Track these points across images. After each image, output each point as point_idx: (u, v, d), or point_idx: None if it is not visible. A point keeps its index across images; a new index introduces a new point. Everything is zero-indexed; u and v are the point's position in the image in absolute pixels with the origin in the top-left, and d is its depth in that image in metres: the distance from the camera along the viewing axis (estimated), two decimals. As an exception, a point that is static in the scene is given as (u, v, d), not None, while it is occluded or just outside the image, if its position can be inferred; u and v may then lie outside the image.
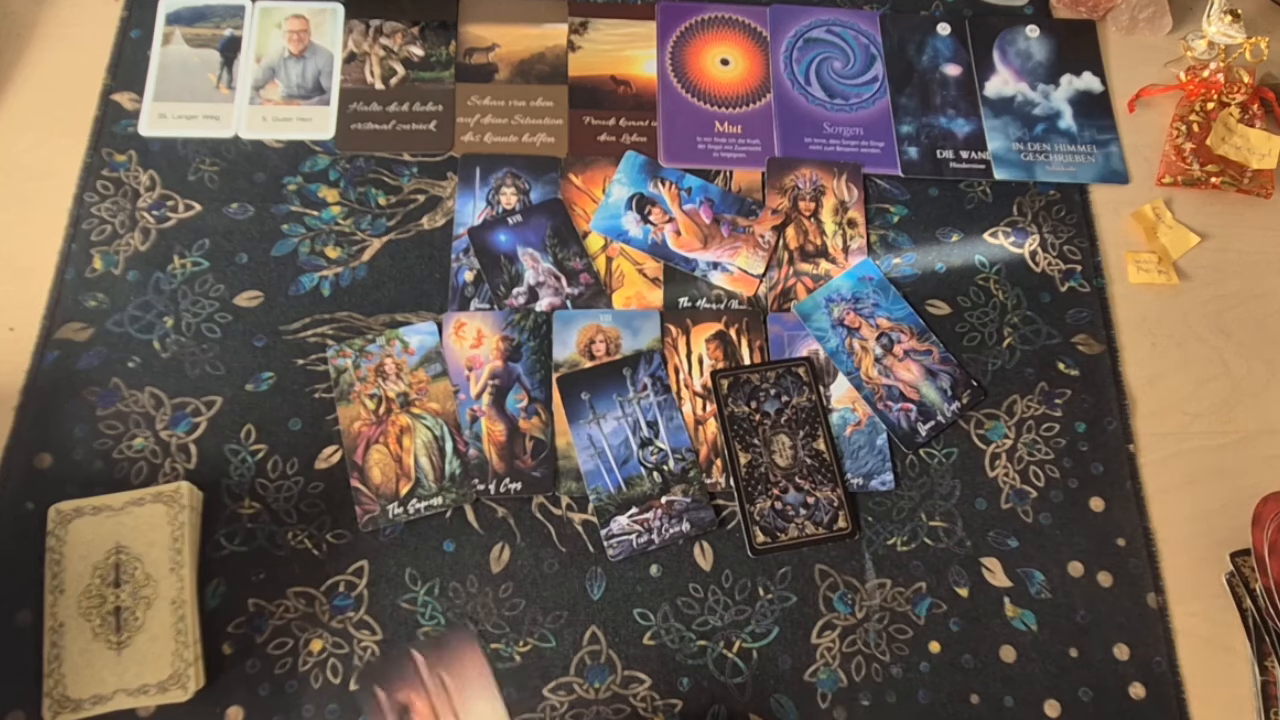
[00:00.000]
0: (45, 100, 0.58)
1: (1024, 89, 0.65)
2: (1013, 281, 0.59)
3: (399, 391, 0.53)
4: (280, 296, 0.55)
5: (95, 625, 0.45)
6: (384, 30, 0.62)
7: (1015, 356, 0.57)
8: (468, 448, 0.52)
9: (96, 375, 0.52)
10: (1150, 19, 0.67)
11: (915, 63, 0.65)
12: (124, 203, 0.56)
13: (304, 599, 0.49)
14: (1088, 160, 0.63)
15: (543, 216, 0.58)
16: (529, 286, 0.56)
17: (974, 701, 0.49)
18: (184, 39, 0.61)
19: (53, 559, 0.46)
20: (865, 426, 0.54)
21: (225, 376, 0.53)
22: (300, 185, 0.58)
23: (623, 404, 0.53)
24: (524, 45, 0.63)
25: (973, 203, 0.61)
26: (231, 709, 0.47)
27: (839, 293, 0.57)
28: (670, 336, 0.55)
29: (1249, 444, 0.56)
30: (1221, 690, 0.51)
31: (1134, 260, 0.60)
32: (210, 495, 0.50)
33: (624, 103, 0.62)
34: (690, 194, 0.57)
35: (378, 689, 0.47)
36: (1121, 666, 0.51)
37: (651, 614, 0.50)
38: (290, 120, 0.59)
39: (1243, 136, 0.62)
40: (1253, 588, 0.51)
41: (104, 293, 0.54)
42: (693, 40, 0.64)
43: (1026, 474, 0.54)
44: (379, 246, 0.57)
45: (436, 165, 0.59)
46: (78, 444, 0.50)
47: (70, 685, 0.44)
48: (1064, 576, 0.52)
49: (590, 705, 0.48)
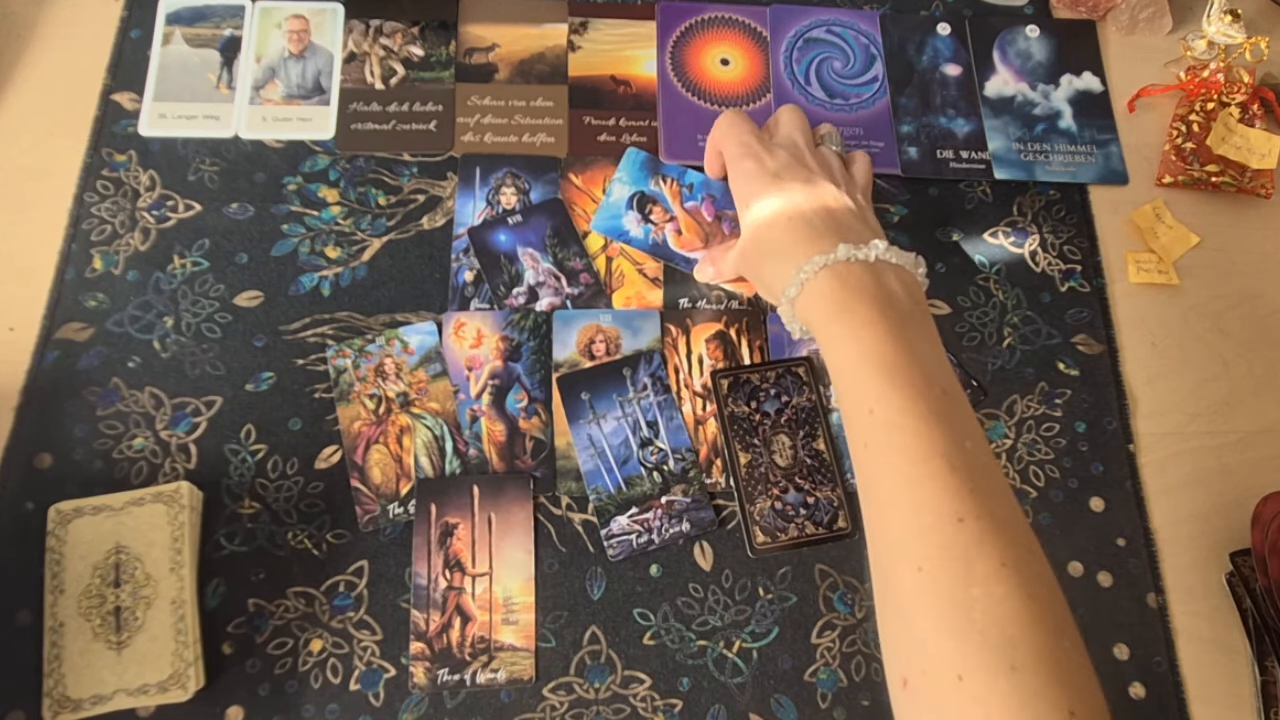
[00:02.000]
0: (45, 100, 0.59)
1: (1024, 89, 0.65)
2: (1013, 281, 0.59)
3: (399, 391, 0.53)
4: (280, 296, 0.55)
5: (95, 625, 0.45)
6: (384, 30, 0.62)
7: (1015, 356, 0.57)
8: (468, 448, 0.52)
9: (96, 375, 0.52)
10: (1150, 19, 0.67)
11: (915, 63, 0.65)
12: (124, 203, 0.56)
13: (304, 599, 0.49)
14: (1088, 160, 0.63)
15: (543, 216, 0.58)
16: (529, 286, 0.56)
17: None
18: (184, 39, 0.61)
19: (53, 559, 0.46)
20: (865, 426, 0.54)
21: (225, 376, 0.53)
22: (300, 185, 0.58)
23: (623, 404, 0.53)
24: (524, 45, 0.63)
25: (973, 203, 0.61)
26: (231, 709, 0.47)
27: (839, 293, 0.57)
28: (670, 336, 0.55)
29: (1249, 444, 0.56)
30: (1221, 690, 0.51)
31: (1134, 260, 0.60)
32: (210, 495, 0.50)
33: (624, 102, 0.62)
34: (692, 190, 0.57)
35: (433, 504, 0.50)
36: (1121, 666, 0.51)
37: (652, 614, 0.50)
38: (290, 120, 0.59)
39: (1243, 136, 0.62)
40: (1253, 588, 0.51)
41: (104, 293, 0.54)
42: (693, 40, 0.64)
43: (1026, 474, 0.54)
44: (379, 246, 0.57)
45: (436, 165, 0.59)
46: (78, 444, 0.50)
47: (70, 685, 0.44)
48: (1064, 576, 0.52)
49: (590, 705, 0.48)
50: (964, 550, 0.35)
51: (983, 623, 0.33)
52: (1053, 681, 0.32)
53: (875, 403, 0.38)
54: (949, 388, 0.39)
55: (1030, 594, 0.34)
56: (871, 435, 0.38)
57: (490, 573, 0.49)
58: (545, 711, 0.48)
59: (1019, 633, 0.33)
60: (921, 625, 0.35)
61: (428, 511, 0.50)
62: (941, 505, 0.35)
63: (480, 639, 0.48)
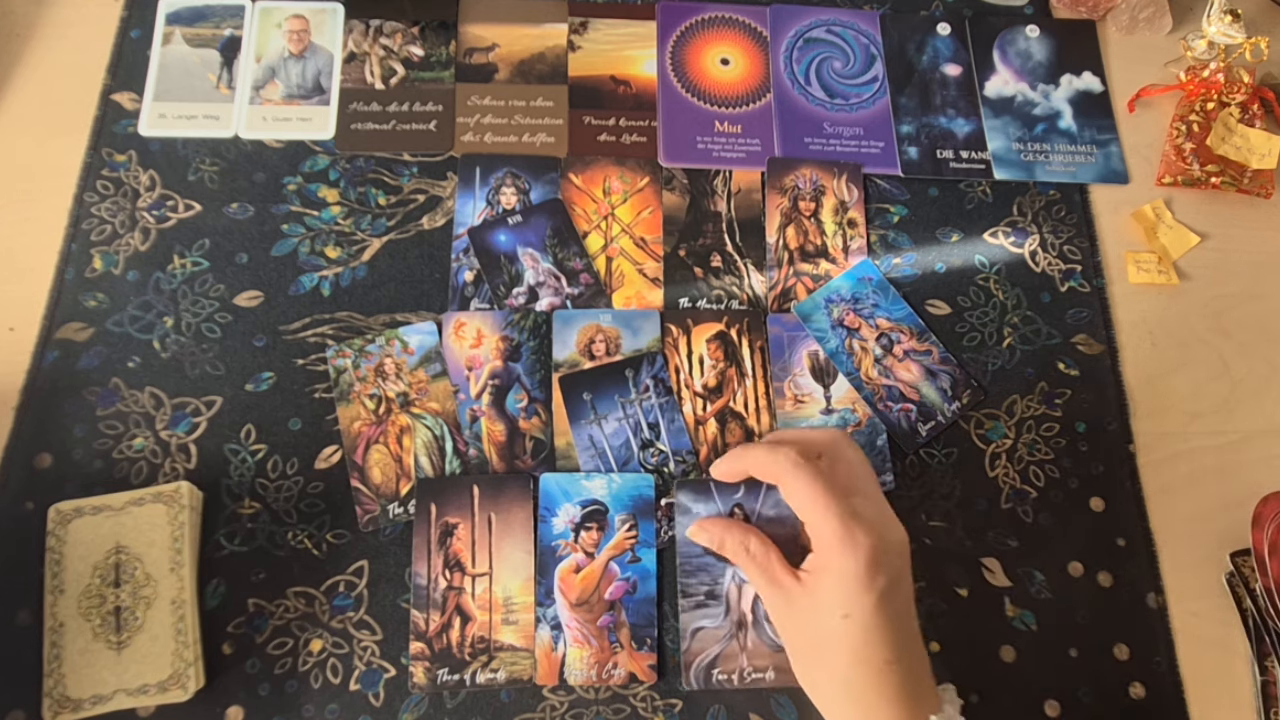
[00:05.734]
0: (45, 100, 0.58)
1: (1024, 89, 0.65)
2: (1013, 281, 0.59)
3: (399, 391, 0.53)
4: (280, 296, 0.55)
5: (95, 625, 0.45)
6: (384, 30, 0.62)
7: (1015, 356, 0.57)
8: (468, 448, 0.52)
9: (96, 375, 0.52)
10: (1150, 19, 0.67)
11: (915, 63, 0.65)
12: (124, 203, 0.56)
13: (304, 599, 0.49)
14: (1088, 160, 0.63)
15: (543, 216, 0.58)
16: (529, 286, 0.56)
17: (974, 701, 0.49)
18: (184, 39, 0.61)
19: (53, 559, 0.46)
20: (865, 427, 0.54)
21: (225, 376, 0.53)
22: (300, 185, 0.58)
23: (624, 405, 0.53)
24: (524, 45, 0.63)
25: (973, 203, 0.61)
26: (231, 709, 0.47)
27: (838, 293, 0.57)
28: (671, 336, 0.55)
29: (1249, 444, 0.56)
30: (1221, 690, 0.51)
31: (1134, 260, 0.60)
32: (210, 495, 0.50)
33: (624, 103, 0.62)
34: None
35: (433, 504, 0.49)
36: (1121, 666, 0.51)
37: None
38: (290, 120, 0.59)
39: (1243, 136, 0.62)
40: (1253, 588, 0.51)
41: (104, 293, 0.54)
42: (693, 40, 0.64)
43: (1026, 474, 0.54)
44: (379, 246, 0.57)
45: (436, 165, 0.59)
46: (78, 444, 0.50)
47: (70, 685, 0.44)
48: (1064, 576, 0.52)
49: (590, 705, 0.48)
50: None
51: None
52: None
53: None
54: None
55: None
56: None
57: (490, 573, 0.49)
58: (545, 711, 0.48)
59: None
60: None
61: (428, 511, 0.50)
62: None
63: (480, 639, 0.48)
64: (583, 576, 0.49)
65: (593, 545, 0.50)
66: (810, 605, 0.40)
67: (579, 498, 0.51)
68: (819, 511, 0.40)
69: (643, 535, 0.50)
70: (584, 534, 0.50)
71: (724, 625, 0.48)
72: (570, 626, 0.48)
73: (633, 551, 0.50)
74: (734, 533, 0.44)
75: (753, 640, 0.48)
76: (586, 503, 0.50)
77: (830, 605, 0.39)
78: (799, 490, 0.40)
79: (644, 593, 0.49)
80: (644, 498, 0.51)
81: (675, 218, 0.59)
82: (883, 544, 0.40)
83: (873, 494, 0.42)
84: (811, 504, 0.40)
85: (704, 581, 0.48)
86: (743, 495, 0.46)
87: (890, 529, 0.41)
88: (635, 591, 0.49)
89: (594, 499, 0.50)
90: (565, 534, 0.50)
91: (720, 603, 0.49)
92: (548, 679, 0.48)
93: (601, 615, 0.49)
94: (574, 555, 0.49)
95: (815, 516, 0.40)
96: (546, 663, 0.48)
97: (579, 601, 0.49)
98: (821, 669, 0.41)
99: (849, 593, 0.39)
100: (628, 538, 0.50)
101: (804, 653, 0.41)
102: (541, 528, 0.50)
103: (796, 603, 0.41)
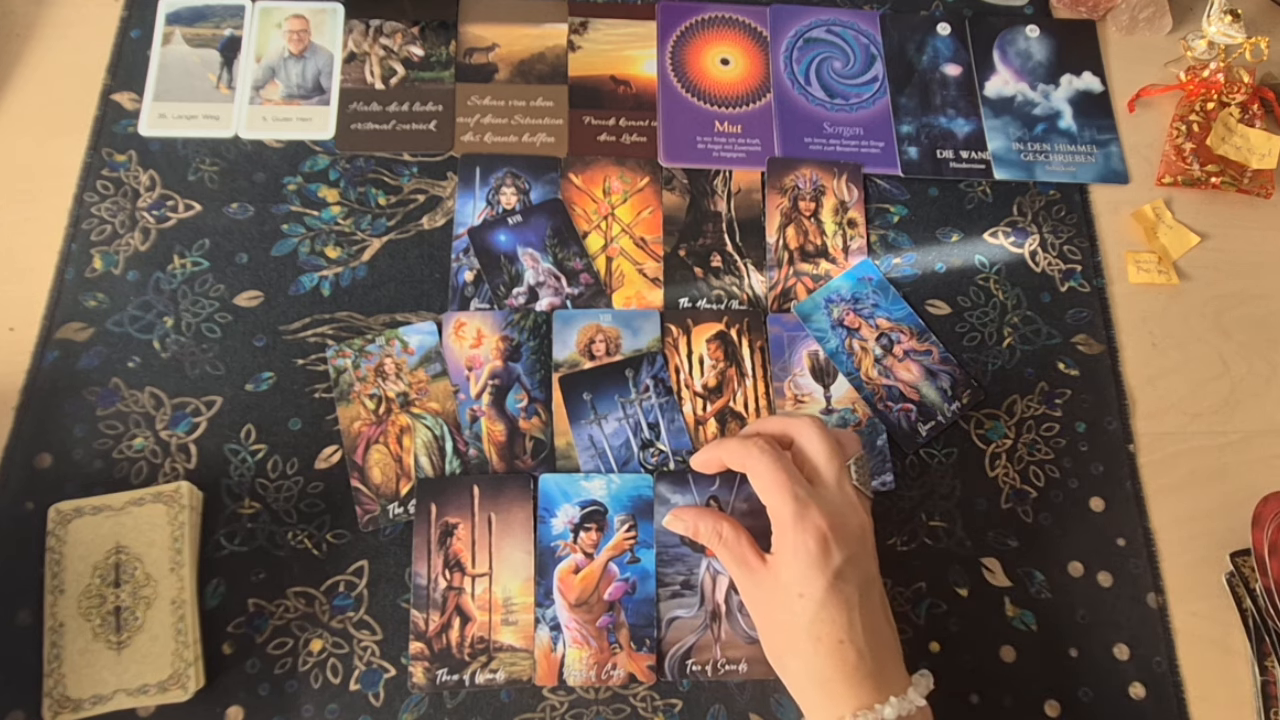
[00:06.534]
0: (45, 100, 0.58)
1: (1024, 89, 0.65)
2: (1013, 281, 0.59)
3: (399, 391, 0.53)
4: (280, 296, 0.55)
5: (95, 625, 0.45)
6: (384, 30, 0.62)
7: (1015, 356, 0.57)
8: (468, 447, 0.52)
9: (96, 375, 0.52)
10: (1150, 19, 0.67)
11: (915, 63, 0.65)
12: (124, 203, 0.56)
13: (304, 599, 0.49)
14: (1088, 160, 0.63)
15: (543, 216, 0.58)
16: (529, 286, 0.56)
17: (974, 701, 0.49)
18: (184, 39, 0.61)
19: (53, 559, 0.46)
20: (865, 427, 0.54)
21: (225, 376, 0.53)
22: (300, 185, 0.58)
23: (624, 405, 0.53)
24: (524, 45, 0.63)
25: (973, 203, 0.61)
26: (231, 709, 0.47)
27: (838, 293, 0.57)
28: (671, 336, 0.55)
29: (1249, 444, 0.56)
30: (1221, 690, 0.51)
31: (1134, 260, 0.60)
32: (210, 495, 0.50)
33: (624, 103, 0.62)
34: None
35: (433, 504, 0.50)
36: (1121, 666, 0.51)
37: (651, 614, 0.50)
38: (290, 120, 0.59)
39: (1243, 136, 0.62)
40: (1253, 588, 0.51)
41: (104, 293, 0.54)
42: (693, 40, 0.64)
43: (1026, 474, 0.54)
44: (379, 246, 0.57)
45: (436, 165, 0.59)
46: (78, 444, 0.50)
47: (70, 685, 0.44)
48: (1064, 576, 0.52)
49: (590, 705, 0.48)
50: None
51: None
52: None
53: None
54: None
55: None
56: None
57: (490, 573, 0.49)
58: (545, 711, 0.48)
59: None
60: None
61: (428, 511, 0.50)
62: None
63: (480, 639, 0.48)
64: (582, 577, 0.49)
65: (592, 546, 0.50)
66: (774, 585, 0.42)
67: (578, 498, 0.51)
68: (777, 494, 0.42)
69: (642, 536, 0.50)
70: (583, 534, 0.50)
71: (699, 615, 0.49)
72: (569, 627, 0.48)
73: (632, 552, 0.50)
74: (707, 519, 0.46)
75: (726, 632, 0.48)
76: (585, 503, 0.50)
77: (788, 584, 0.41)
78: (761, 475, 0.43)
79: (643, 593, 0.49)
80: (643, 498, 0.51)
81: (675, 218, 0.59)
82: (838, 525, 0.41)
83: (835, 479, 0.44)
84: (770, 488, 0.42)
85: (680, 571, 0.49)
86: (718, 487, 0.50)
87: (850, 513, 0.43)
88: (634, 592, 0.49)
89: (593, 499, 0.51)
90: (564, 534, 0.50)
91: (695, 593, 0.49)
92: (547, 680, 0.48)
93: (601, 616, 0.49)
94: (573, 556, 0.49)
95: (774, 499, 0.42)
96: (546, 663, 0.48)
97: (578, 602, 0.49)
98: (786, 649, 0.42)
99: (803, 572, 0.41)
100: (627, 538, 0.50)
101: (770, 633, 0.44)
102: (541, 528, 0.50)
103: (764, 584, 0.43)
